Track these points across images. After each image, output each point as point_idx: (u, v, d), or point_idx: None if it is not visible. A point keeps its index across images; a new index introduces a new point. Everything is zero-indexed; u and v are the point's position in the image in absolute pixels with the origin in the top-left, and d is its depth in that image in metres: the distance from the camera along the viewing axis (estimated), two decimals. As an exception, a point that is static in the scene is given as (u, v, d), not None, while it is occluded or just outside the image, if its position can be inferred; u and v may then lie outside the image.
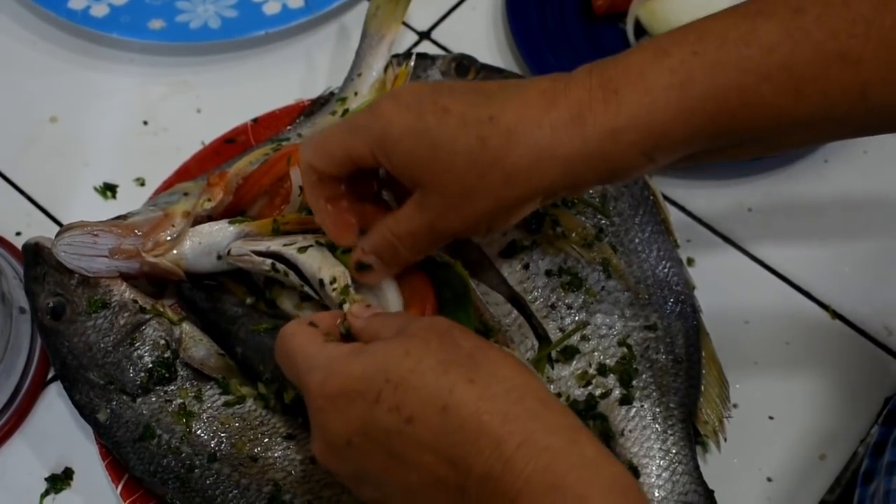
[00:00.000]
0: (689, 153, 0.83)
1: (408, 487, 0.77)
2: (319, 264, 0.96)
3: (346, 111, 1.17)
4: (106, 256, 1.03)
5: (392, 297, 0.94)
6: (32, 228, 1.22)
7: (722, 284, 1.17)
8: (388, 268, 0.93)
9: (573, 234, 1.06)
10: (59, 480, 1.07)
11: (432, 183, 0.84)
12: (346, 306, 0.92)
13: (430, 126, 0.83)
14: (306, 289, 0.99)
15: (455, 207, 0.85)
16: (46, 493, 1.06)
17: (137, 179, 1.26)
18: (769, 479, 1.07)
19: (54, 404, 1.11)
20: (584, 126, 0.80)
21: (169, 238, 1.04)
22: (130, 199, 1.24)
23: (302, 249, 0.98)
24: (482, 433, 0.72)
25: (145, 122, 1.32)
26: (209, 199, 1.05)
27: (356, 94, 1.19)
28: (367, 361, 0.79)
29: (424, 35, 1.40)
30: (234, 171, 1.07)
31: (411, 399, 0.75)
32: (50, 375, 1.13)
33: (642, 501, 0.73)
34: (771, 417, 1.10)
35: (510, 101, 0.82)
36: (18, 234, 1.22)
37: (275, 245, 1.00)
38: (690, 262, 1.17)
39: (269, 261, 1.00)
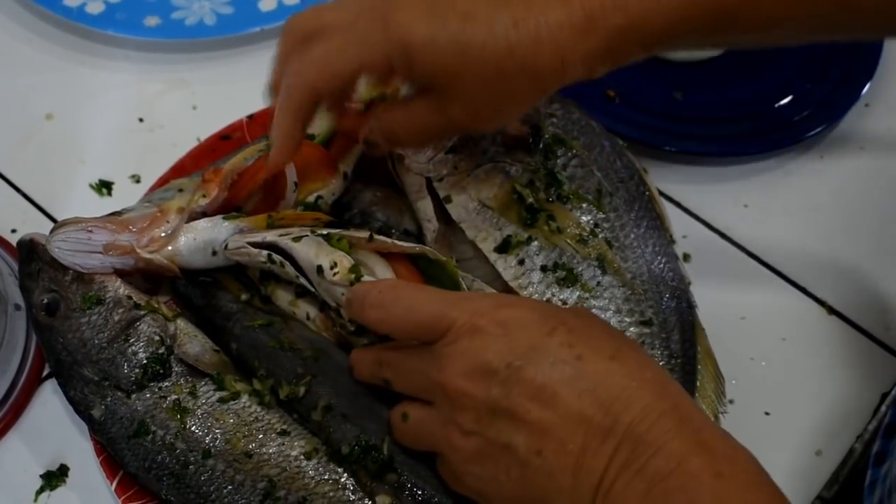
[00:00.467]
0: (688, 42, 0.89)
1: (546, 423, 0.79)
2: (316, 251, 0.97)
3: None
4: (100, 252, 1.02)
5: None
6: (28, 225, 1.22)
7: (718, 280, 1.17)
8: (388, 147, 0.99)
9: (568, 230, 1.06)
10: (55, 477, 1.06)
11: (456, 89, 0.86)
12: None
13: (455, 34, 0.83)
14: (301, 280, 0.99)
15: (477, 110, 0.88)
16: (42, 489, 1.06)
17: (133, 176, 1.26)
18: (765, 475, 1.06)
19: (49, 401, 1.11)
20: (596, 27, 0.83)
21: (163, 234, 1.04)
22: (126, 196, 1.24)
23: (297, 239, 0.99)
24: (644, 385, 0.79)
25: (141, 119, 1.32)
26: (204, 196, 1.05)
27: None
28: (542, 306, 0.86)
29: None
30: (229, 168, 1.07)
31: (584, 343, 0.81)
32: (45, 372, 1.13)
33: (775, 484, 0.79)
34: (767, 413, 1.10)
35: (527, 4, 0.83)
36: (14, 231, 1.22)
37: (270, 236, 1.00)
38: (686, 257, 1.17)
39: (265, 252, 1.00)
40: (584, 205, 1.08)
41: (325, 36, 0.89)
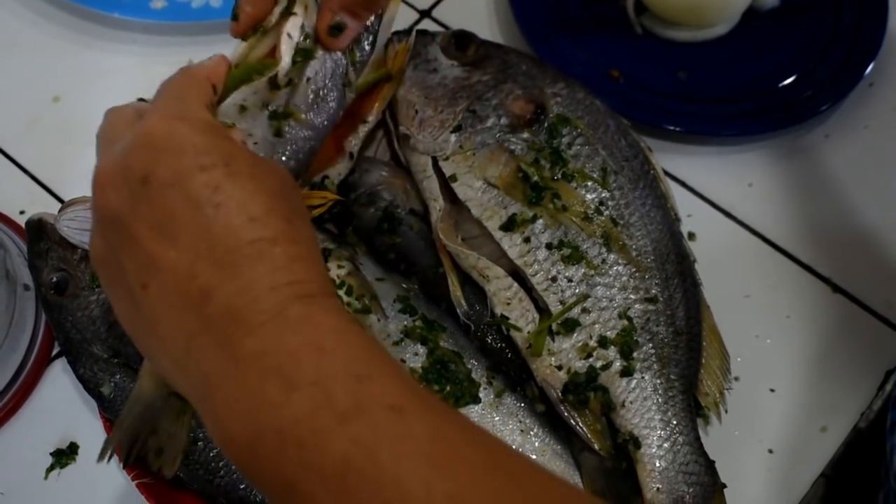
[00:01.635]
0: None
1: (154, 260, 0.72)
2: None
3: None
4: (108, 231, 1.03)
5: None
6: (36, 207, 1.22)
7: (723, 258, 1.18)
8: (358, 24, 0.96)
9: (573, 208, 1.06)
10: (65, 455, 1.08)
11: None
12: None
13: None
14: None
15: None
16: (52, 467, 1.07)
17: (140, 158, 1.27)
18: (770, 451, 1.08)
19: (59, 380, 1.12)
20: None
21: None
22: (133, 178, 1.24)
23: None
24: (267, 257, 0.71)
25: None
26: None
27: None
28: (220, 140, 0.75)
29: (425, 13, 1.40)
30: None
31: (232, 192, 0.72)
32: (55, 352, 1.14)
33: (387, 354, 0.70)
34: (772, 390, 1.11)
35: None
36: (22, 212, 1.23)
37: None
38: (692, 236, 1.18)
39: None
40: (589, 183, 1.08)
41: None
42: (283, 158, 0.95)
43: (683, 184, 1.25)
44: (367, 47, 1.02)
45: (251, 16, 0.93)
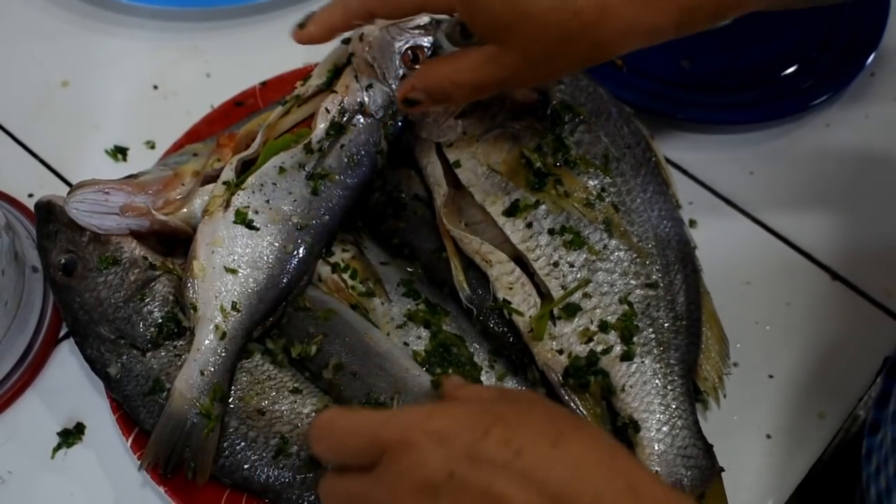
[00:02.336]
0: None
1: None
2: None
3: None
4: (117, 214, 1.04)
5: None
6: (45, 190, 1.23)
7: (724, 246, 1.18)
8: (431, 106, 0.99)
9: (575, 194, 1.07)
10: (71, 435, 1.08)
11: (515, 44, 0.88)
12: None
13: None
14: None
15: (534, 68, 0.90)
16: (58, 447, 1.08)
17: (147, 142, 1.28)
18: (768, 436, 1.08)
19: (66, 360, 1.13)
20: (667, 4, 0.86)
21: (179, 196, 1.06)
22: (141, 162, 1.26)
23: None
24: (591, 468, 0.73)
25: (155, 87, 1.34)
26: (219, 160, 1.07)
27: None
28: (476, 406, 0.78)
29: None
30: (242, 133, 1.09)
31: (522, 434, 0.74)
32: (62, 333, 1.15)
33: None
34: (771, 376, 1.12)
35: None
36: (31, 195, 1.24)
37: None
38: (693, 223, 1.19)
39: None
40: (592, 170, 1.09)
41: None
42: (320, 213, 1.06)
43: (685, 171, 1.26)
44: (399, 124, 1.10)
45: (313, 36, 0.98)
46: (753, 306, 1.16)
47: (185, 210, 1.05)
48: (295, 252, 1.04)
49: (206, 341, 1.01)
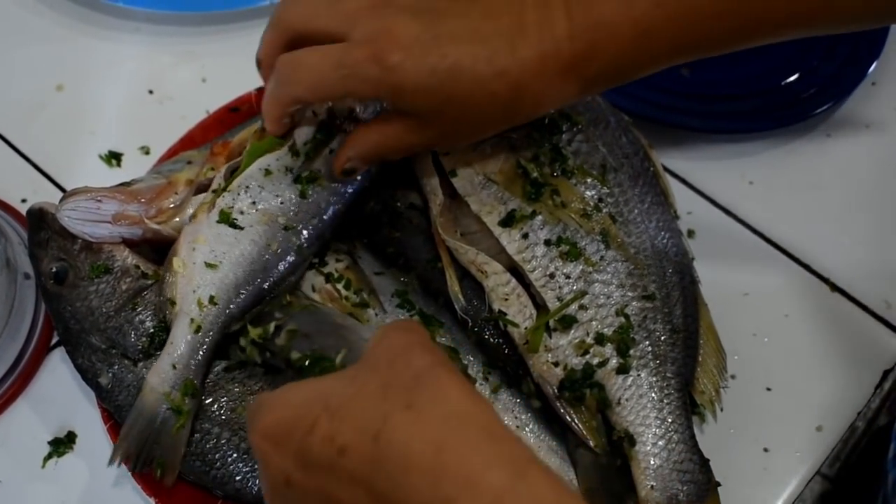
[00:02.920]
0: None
1: None
2: None
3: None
4: (109, 222, 1.03)
5: None
6: (38, 196, 1.23)
7: (722, 256, 1.17)
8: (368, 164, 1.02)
9: (572, 204, 1.06)
10: (62, 444, 1.08)
11: (436, 123, 0.93)
12: None
13: (443, 83, 0.88)
14: None
15: (451, 138, 0.98)
16: (49, 456, 1.07)
17: (142, 148, 1.27)
18: (766, 450, 1.07)
19: (58, 369, 1.12)
20: (575, 76, 0.91)
21: (172, 205, 1.05)
22: (135, 167, 1.25)
23: None
24: (412, 466, 0.66)
25: (150, 91, 1.33)
26: (212, 168, 1.06)
27: None
28: (308, 388, 0.74)
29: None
30: (237, 141, 1.08)
31: (346, 428, 0.69)
32: (54, 341, 1.14)
33: None
34: (769, 389, 1.11)
35: (510, 52, 0.88)
36: (24, 200, 1.23)
37: None
38: (691, 234, 1.18)
39: None
40: (589, 180, 1.08)
41: (317, 49, 0.92)
42: (309, 216, 1.04)
43: (683, 180, 1.25)
44: None
45: (275, 133, 1.05)
46: (751, 318, 1.15)
47: (177, 219, 1.04)
48: (280, 251, 1.03)
49: (181, 334, 1.00)
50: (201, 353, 1.00)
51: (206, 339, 1.00)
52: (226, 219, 1.02)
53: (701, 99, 1.28)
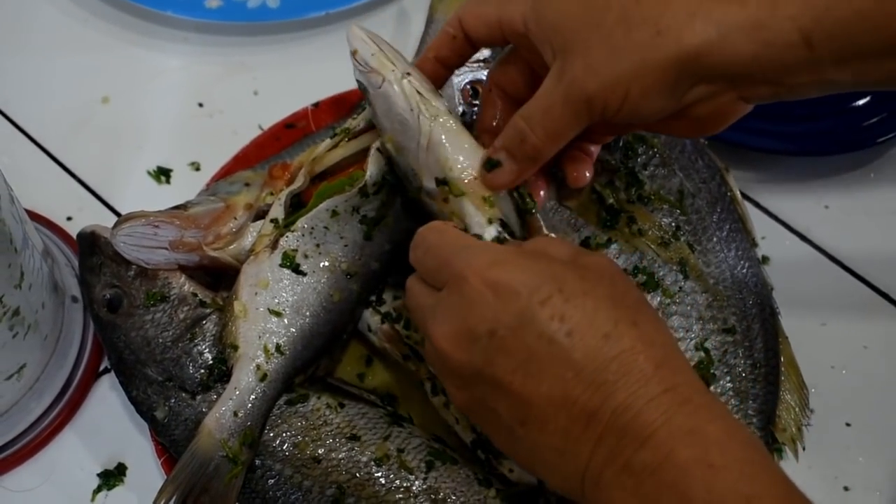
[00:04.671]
0: (849, 56, 0.76)
1: (530, 397, 0.76)
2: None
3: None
4: (166, 248, 0.99)
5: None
6: (84, 213, 1.19)
7: (797, 284, 1.13)
8: (517, 167, 0.88)
9: (649, 232, 1.02)
10: (112, 476, 1.04)
11: (577, 43, 0.81)
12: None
13: None
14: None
15: (595, 70, 0.80)
16: (99, 489, 1.04)
17: (192, 164, 1.23)
18: (846, 489, 1.04)
19: (107, 396, 1.09)
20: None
21: (230, 231, 1.01)
22: (185, 184, 1.21)
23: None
24: (635, 369, 0.74)
25: (200, 104, 1.29)
26: (271, 193, 1.02)
27: None
28: (542, 266, 0.78)
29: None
30: (296, 164, 1.04)
31: (578, 316, 0.75)
32: (102, 367, 1.10)
33: (772, 462, 0.74)
34: (848, 424, 1.07)
35: None
36: (70, 218, 1.19)
37: None
38: (766, 260, 1.14)
39: None
40: (666, 206, 1.04)
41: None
42: (371, 260, 1.01)
43: (756, 204, 1.20)
44: None
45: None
46: (829, 349, 1.11)
47: (235, 245, 1.00)
48: (342, 300, 0.99)
49: (245, 381, 0.96)
50: (265, 401, 0.97)
51: (271, 389, 0.97)
52: (289, 263, 0.98)
53: (773, 119, 1.23)
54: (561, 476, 0.77)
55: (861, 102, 1.24)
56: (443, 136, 0.89)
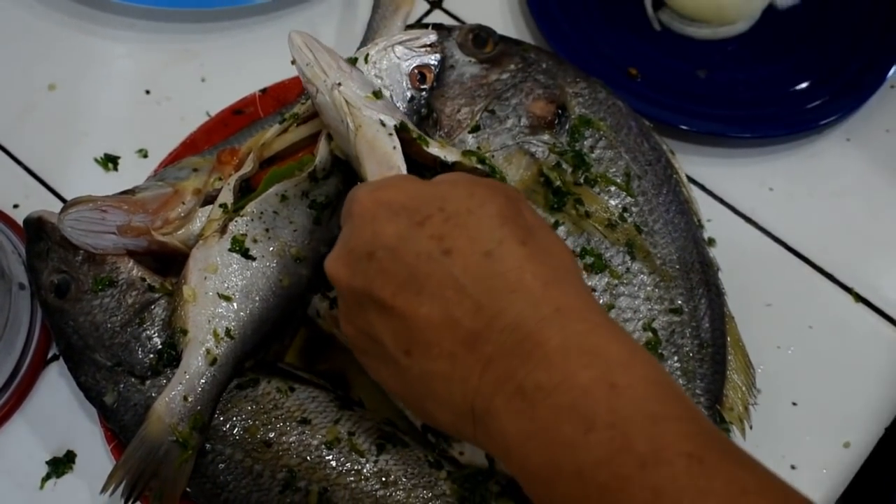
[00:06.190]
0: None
1: (410, 321, 0.74)
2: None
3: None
4: (114, 233, 0.99)
5: None
6: (31, 200, 1.19)
7: (743, 266, 1.14)
8: None
9: (596, 214, 1.03)
10: (61, 464, 1.04)
11: None
12: None
13: None
14: None
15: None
16: (48, 476, 1.04)
17: (140, 151, 1.23)
18: (793, 467, 1.05)
19: (56, 383, 1.09)
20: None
21: (179, 216, 1.01)
22: (133, 171, 1.20)
23: None
24: (521, 287, 0.72)
25: (147, 91, 1.28)
26: (220, 178, 1.02)
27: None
28: (427, 186, 0.78)
29: (436, 4, 1.36)
30: (244, 150, 1.03)
31: (458, 235, 0.74)
32: (51, 354, 1.10)
33: (677, 384, 0.73)
34: (794, 403, 1.08)
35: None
36: (16, 206, 1.19)
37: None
38: (711, 242, 1.14)
39: None
40: (613, 188, 1.05)
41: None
42: (320, 245, 1.01)
43: (702, 187, 1.21)
44: None
45: None
46: (775, 329, 1.12)
47: (184, 230, 1.00)
48: (291, 285, 0.99)
49: (195, 365, 0.96)
50: (214, 385, 0.96)
51: (220, 373, 0.96)
52: (239, 248, 0.98)
53: (718, 103, 1.25)
54: (451, 410, 0.74)
55: (803, 86, 1.26)
56: (362, 148, 0.90)
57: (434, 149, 0.92)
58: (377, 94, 0.94)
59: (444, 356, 0.73)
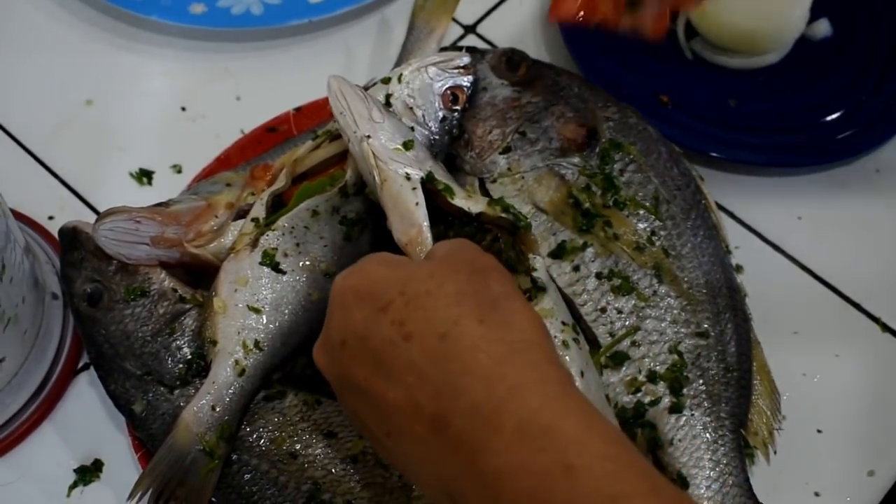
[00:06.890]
0: None
1: (383, 406, 0.75)
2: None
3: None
4: (147, 244, 1.00)
5: None
6: (65, 213, 1.20)
7: (771, 293, 1.14)
8: None
9: (625, 237, 1.03)
10: (89, 472, 1.05)
11: None
12: None
13: None
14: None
15: None
16: (75, 484, 1.04)
17: (174, 166, 1.24)
18: (817, 494, 1.04)
19: (85, 392, 1.09)
20: None
21: (211, 229, 1.02)
22: (167, 186, 1.21)
23: None
24: (475, 369, 0.71)
25: (183, 108, 1.30)
26: (252, 193, 1.03)
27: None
28: (391, 271, 0.79)
29: (470, 29, 1.37)
30: (278, 165, 1.05)
31: (416, 318, 0.75)
32: (81, 363, 1.10)
33: (637, 454, 0.70)
34: (819, 431, 1.08)
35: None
36: (51, 218, 1.20)
37: None
38: (739, 269, 1.14)
39: None
40: (641, 212, 1.05)
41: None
42: (350, 261, 0.98)
43: (731, 214, 1.22)
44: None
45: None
46: (801, 357, 1.12)
47: (216, 243, 1.01)
48: (320, 300, 1.00)
49: (224, 376, 0.97)
50: (242, 396, 0.97)
51: (248, 384, 0.97)
52: (269, 261, 0.99)
53: (749, 131, 1.25)
54: (431, 489, 0.75)
55: (834, 117, 1.26)
56: (387, 201, 0.92)
57: (459, 200, 0.93)
58: (407, 145, 0.95)
59: (416, 441, 0.73)
